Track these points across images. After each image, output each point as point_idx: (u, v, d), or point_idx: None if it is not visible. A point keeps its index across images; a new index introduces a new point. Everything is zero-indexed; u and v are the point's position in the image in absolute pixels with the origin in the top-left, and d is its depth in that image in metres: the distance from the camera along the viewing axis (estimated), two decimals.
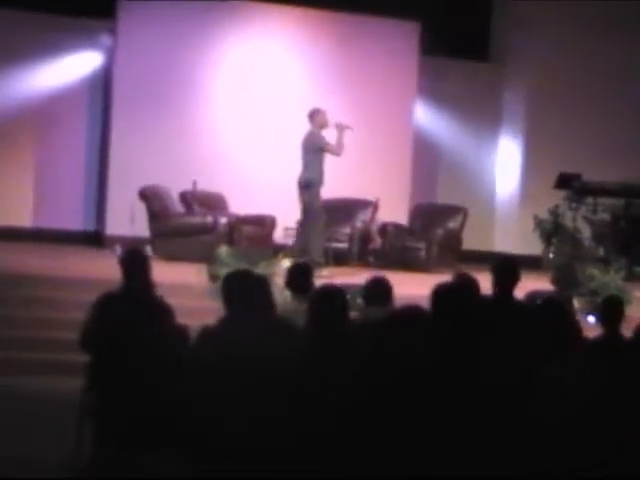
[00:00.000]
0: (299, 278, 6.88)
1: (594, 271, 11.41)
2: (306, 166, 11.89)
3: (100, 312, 5.86)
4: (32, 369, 8.69)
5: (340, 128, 11.79)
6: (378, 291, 6.45)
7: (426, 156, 15.42)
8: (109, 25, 14.14)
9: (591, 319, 8.11)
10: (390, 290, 6.51)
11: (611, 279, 11.17)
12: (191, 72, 14.17)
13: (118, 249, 13.24)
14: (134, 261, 6.08)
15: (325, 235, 12.14)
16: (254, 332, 5.03)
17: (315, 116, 11.93)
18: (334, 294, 5.40)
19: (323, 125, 11.88)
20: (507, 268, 6.83)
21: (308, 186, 11.81)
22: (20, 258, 11.57)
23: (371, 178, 14.05)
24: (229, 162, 14.12)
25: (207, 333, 5.29)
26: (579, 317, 8.91)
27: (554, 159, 14.89)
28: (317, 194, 11.88)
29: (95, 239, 14.11)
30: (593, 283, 11.29)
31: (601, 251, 14.15)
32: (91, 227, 14.49)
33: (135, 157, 13.72)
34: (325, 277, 10.56)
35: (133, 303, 5.81)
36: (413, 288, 11.20)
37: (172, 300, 6.26)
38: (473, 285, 6.49)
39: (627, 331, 6.29)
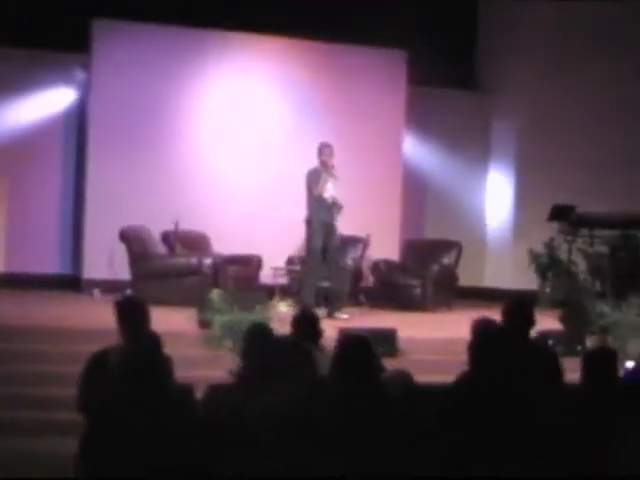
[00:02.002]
0: (308, 326, 6.30)
1: (604, 308, 10.90)
2: (306, 203, 11.46)
3: (94, 374, 5.20)
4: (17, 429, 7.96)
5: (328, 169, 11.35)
6: None
7: (415, 189, 14.92)
8: (83, 59, 13.52)
9: (629, 364, 7.54)
10: None
11: (623, 315, 10.65)
12: (169, 106, 13.59)
13: (97, 293, 12.68)
14: (135, 310, 5.40)
15: (319, 275, 11.55)
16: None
17: (318, 151, 11.56)
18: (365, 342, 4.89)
19: (323, 163, 11.40)
20: (523, 310, 6.33)
21: (307, 224, 11.36)
22: None
23: (361, 214, 13.44)
24: (211, 200, 13.53)
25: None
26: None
27: (546, 190, 14.43)
28: (313, 233, 11.42)
29: (72, 283, 13.41)
30: (603, 320, 10.78)
31: (597, 285, 13.70)
32: (67, 270, 13.78)
33: (113, 196, 13.09)
34: (345, 321, 10.30)
35: (135, 360, 5.14)
36: (422, 331, 10.77)
37: None
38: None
39: None
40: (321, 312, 10.97)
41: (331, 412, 4.33)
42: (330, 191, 11.43)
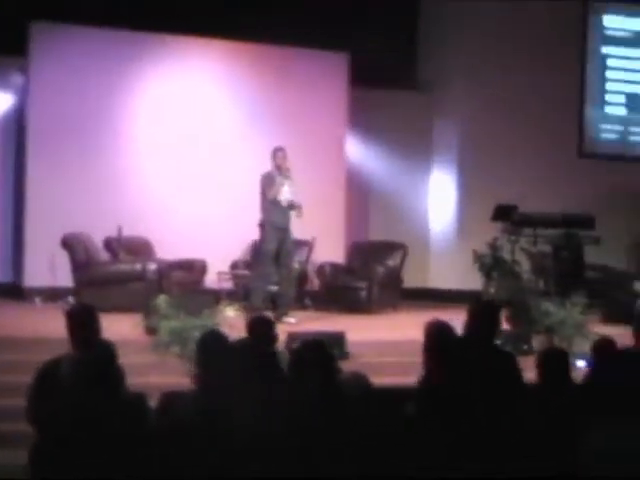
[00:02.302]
0: (264, 330, 6.22)
1: (549, 307, 10.93)
2: (260, 207, 11.43)
3: (45, 384, 5.06)
4: None
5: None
6: None
7: (359, 191, 14.89)
8: (20, 62, 13.26)
9: (580, 363, 7.55)
10: None
11: (568, 314, 10.69)
12: (109, 110, 13.38)
13: (38, 301, 12.46)
14: (87, 318, 5.27)
15: (270, 279, 11.46)
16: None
17: (272, 155, 11.51)
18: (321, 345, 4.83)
19: (278, 166, 11.33)
20: (488, 313, 6.30)
21: (261, 227, 11.37)
22: None
23: (305, 216, 13.30)
24: (154, 205, 13.35)
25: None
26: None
27: (489, 190, 14.43)
28: (267, 236, 11.36)
29: (13, 291, 13.15)
30: (549, 319, 10.81)
31: (541, 284, 13.77)
32: (8, 278, 13.52)
33: (53, 202, 12.87)
34: (292, 325, 10.30)
35: (88, 369, 5.00)
36: (370, 334, 10.71)
37: None
38: None
39: None
40: (293, 319, 11.08)
41: (293, 414, 4.25)
42: (286, 194, 11.35)
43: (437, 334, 5.52)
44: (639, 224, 15.02)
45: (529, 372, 5.87)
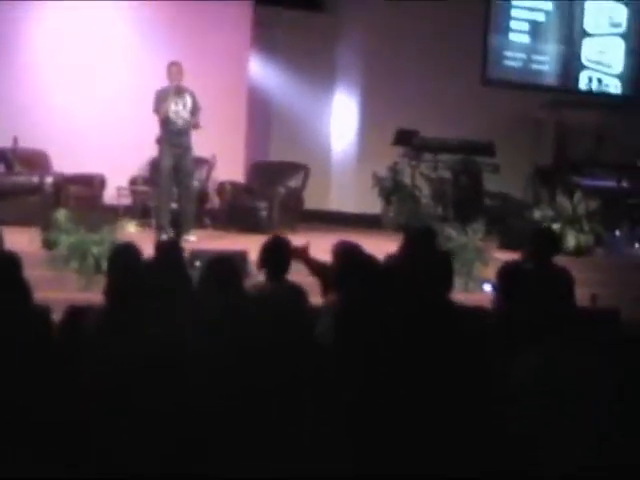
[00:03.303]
0: (172, 254, 6.10)
1: (451, 231, 11.00)
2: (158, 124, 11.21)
3: None
4: None
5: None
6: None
7: (260, 110, 14.71)
8: None
9: (487, 287, 7.59)
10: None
11: (469, 240, 10.77)
12: (10, 21, 12.87)
13: None
14: None
15: (170, 197, 11.29)
16: None
17: (167, 71, 11.24)
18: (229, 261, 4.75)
19: (172, 82, 11.11)
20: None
21: (158, 144, 11.14)
22: None
23: (204, 134, 13.09)
24: (52, 116, 12.91)
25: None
26: None
27: (392, 115, 14.39)
28: (162, 154, 11.14)
29: None
30: (450, 244, 10.88)
31: (440, 209, 13.88)
32: None
33: None
34: (193, 243, 10.12)
35: None
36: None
37: None
38: None
39: None
40: (193, 237, 10.95)
41: (209, 333, 4.17)
42: (181, 112, 11.12)
43: (348, 255, 5.48)
44: (539, 153, 15.20)
45: None
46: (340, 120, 15.53)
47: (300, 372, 3.88)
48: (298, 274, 6.25)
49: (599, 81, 16.49)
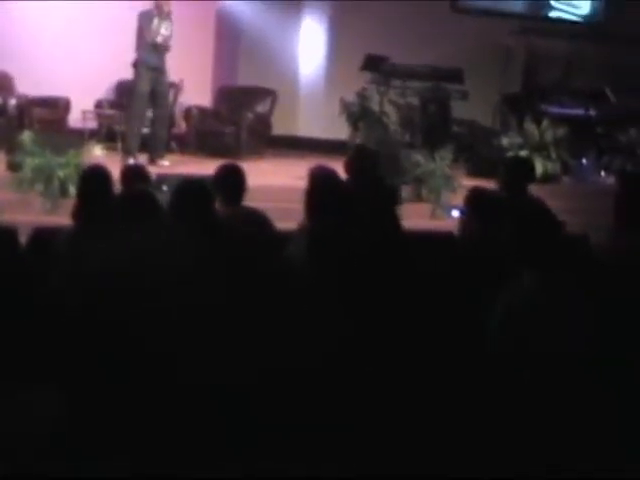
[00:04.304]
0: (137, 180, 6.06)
1: (419, 158, 10.98)
2: (135, 46, 11.13)
3: None
4: None
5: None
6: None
7: (227, 35, 14.49)
8: None
9: (455, 214, 7.57)
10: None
11: (437, 166, 10.77)
12: None
13: None
14: None
15: (143, 122, 11.19)
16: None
17: None
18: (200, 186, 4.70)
19: (158, 6, 11.00)
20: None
21: (134, 67, 11.01)
22: None
23: (172, 58, 12.92)
24: (16, 36, 12.66)
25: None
26: None
27: (361, 40, 14.21)
28: (139, 77, 11.06)
29: None
30: (418, 170, 10.88)
31: (407, 137, 13.83)
32: None
33: None
34: (165, 168, 10.03)
35: None
36: None
37: None
38: None
39: None
40: (142, 158, 10.81)
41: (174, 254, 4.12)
42: (164, 37, 11.03)
43: (323, 180, 5.45)
44: (507, 80, 15.11)
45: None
46: (308, 45, 15.32)
47: (271, 291, 3.86)
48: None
49: (569, 7, 16.36)
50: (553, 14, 16.20)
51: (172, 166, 10.87)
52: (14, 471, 3.36)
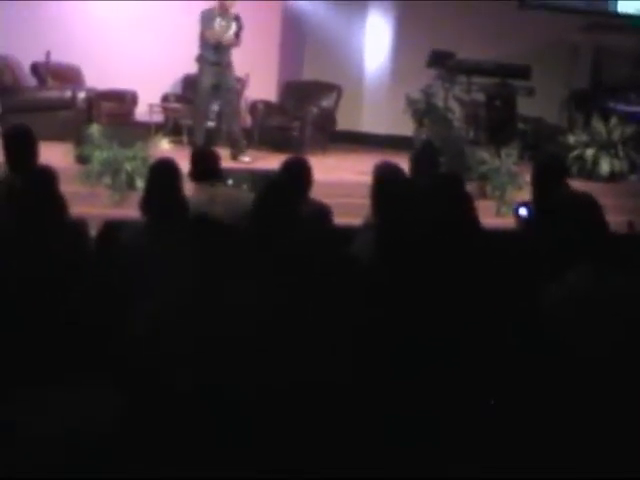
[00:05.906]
0: (206, 165, 6.07)
1: (484, 155, 10.93)
2: (199, 42, 11.18)
3: None
4: None
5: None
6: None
7: (292, 30, 14.54)
8: None
9: (523, 211, 7.52)
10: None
11: (502, 164, 10.71)
12: None
13: None
14: (24, 140, 5.05)
15: (206, 116, 11.27)
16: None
17: None
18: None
19: (221, 6, 11.08)
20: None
21: (198, 63, 11.10)
22: None
23: (238, 53, 12.98)
24: (86, 31, 12.83)
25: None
26: None
27: (426, 36, 14.18)
28: (202, 72, 11.11)
29: None
30: (483, 167, 10.83)
31: (472, 133, 13.75)
32: None
33: None
34: (246, 164, 10.16)
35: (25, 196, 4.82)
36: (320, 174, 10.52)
37: None
38: None
39: None
40: (247, 158, 11.05)
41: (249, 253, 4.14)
42: (226, 32, 11.10)
43: (387, 176, 5.45)
44: (574, 77, 14.98)
45: None
46: (374, 40, 15.32)
47: (338, 287, 3.86)
48: None
49: (637, 2, 16.16)
50: (620, 9, 16.01)
51: (255, 162, 10.96)
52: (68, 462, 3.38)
